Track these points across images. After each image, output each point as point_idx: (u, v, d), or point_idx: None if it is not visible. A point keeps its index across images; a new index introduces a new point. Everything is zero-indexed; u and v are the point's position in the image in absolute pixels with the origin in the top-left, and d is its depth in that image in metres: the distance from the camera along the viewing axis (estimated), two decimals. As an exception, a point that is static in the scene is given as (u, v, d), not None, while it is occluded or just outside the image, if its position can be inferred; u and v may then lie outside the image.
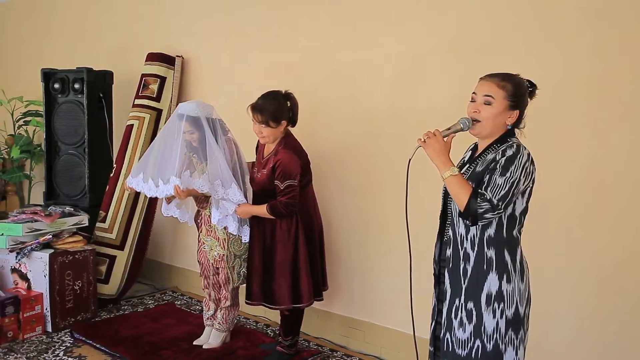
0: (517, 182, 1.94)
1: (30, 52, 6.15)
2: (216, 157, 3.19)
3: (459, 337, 2.07)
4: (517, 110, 2.04)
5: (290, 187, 3.04)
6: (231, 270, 3.38)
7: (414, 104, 3.27)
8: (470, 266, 2.04)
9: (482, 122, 2.03)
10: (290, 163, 3.05)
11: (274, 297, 3.17)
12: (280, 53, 3.94)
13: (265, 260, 3.19)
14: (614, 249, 2.65)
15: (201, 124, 3.19)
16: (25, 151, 5.50)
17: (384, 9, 3.37)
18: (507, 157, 1.96)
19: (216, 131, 3.24)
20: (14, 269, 3.87)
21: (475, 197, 1.93)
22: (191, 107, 3.24)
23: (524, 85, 2.07)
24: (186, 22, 4.59)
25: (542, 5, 2.80)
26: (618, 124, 2.62)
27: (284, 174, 3.03)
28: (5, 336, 3.59)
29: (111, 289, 4.28)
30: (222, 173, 3.18)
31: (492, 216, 1.94)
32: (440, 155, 2.01)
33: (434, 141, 2.02)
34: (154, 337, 3.66)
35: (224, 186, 3.17)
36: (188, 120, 3.19)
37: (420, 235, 2.42)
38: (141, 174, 3.28)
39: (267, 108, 3.06)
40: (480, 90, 2.04)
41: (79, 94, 4.54)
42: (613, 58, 2.61)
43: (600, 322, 2.70)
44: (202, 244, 3.47)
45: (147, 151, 3.42)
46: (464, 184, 1.98)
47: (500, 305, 2.00)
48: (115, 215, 4.34)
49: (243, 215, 3.21)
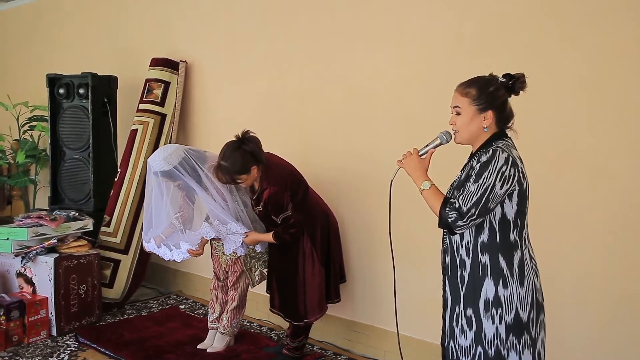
0: (491, 187, 1.92)
1: (35, 58, 6.19)
2: (205, 201, 3.26)
3: (461, 345, 2.07)
4: (488, 111, 2.03)
5: (286, 219, 3.13)
6: (249, 272, 3.44)
7: (416, 107, 3.27)
8: (467, 273, 2.04)
9: (459, 132, 2.09)
10: (277, 198, 3.10)
11: (297, 313, 3.28)
12: (283, 58, 3.95)
13: (284, 278, 3.31)
14: (620, 251, 2.65)
15: (177, 175, 3.19)
16: (30, 156, 5.52)
17: (386, 13, 3.38)
18: (481, 164, 1.97)
19: (195, 170, 3.22)
20: (19, 273, 3.89)
21: (444, 206, 1.99)
22: (158, 161, 3.17)
23: (492, 84, 2.04)
24: (190, 27, 4.61)
25: (543, 8, 2.81)
26: (620, 125, 2.62)
27: (276, 209, 3.12)
28: (11, 340, 3.60)
29: (116, 293, 4.29)
30: (216, 213, 3.26)
31: (464, 224, 1.95)
32: (415, 172, 2.11)
33: (409, 160, 2.14)
34: (158, 340, 3.67)
35: (223, 223, 3.25)
36: (163, 175, 3.20)
37: (429, 243, 2.42)
38: (152, 241, 3.35)
39: (228, 169, 3.05)
40: (452, 103, 2.10)
41: (83, 99, 4.56)
42: (614, 59, 2.62)
43: (607, 324, 2.70)
44: (214, 248, 3.50)
45: (144, 210, 3.51)
46: (436, 196, 2.04)
47: (498, 310, 1.99)
48: (119, 220, 4.36)
49: (252, 243, 3.33)
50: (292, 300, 3.27)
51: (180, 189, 3.34)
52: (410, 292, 3.21)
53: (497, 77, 2.07)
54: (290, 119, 3.90)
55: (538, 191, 2.17)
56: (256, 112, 3.16)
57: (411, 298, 3.21)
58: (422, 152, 2.16)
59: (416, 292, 3.20)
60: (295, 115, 3.89)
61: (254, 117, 4.00)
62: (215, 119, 4.44)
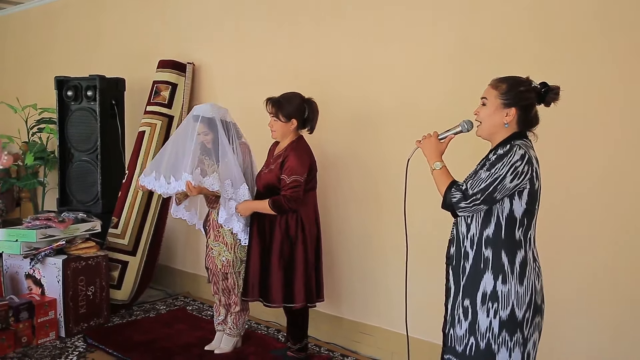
0: (501, 178, 1.95)
1: (43, 60, 6.23)
2: (229, 158, 3.24)
3: (457, 333, 2.11)
4: (512, 108, 2.05)
5: (296, 182, 3.06)
6: (237, 276, 3.39)
7: (423, 110, 3.27)
8: (468, 264, 2.08)
9: (481, 124, 2.13)
10: (300, 160, 3.09)
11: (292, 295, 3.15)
12: (290, 60, 3.96)
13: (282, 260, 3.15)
14: (630, 254, 2.64)
15: (215, 125, 3.25)
16: (39, 158, 5.57)
17: (394, 15, 3.38)
18: (497, 155, 2.02)
19: (229, 133, 3.29)
20: (28, 274, 3.92)
21: (450, 187, 2.05)
22: (206, 108, 3.29)
23: (525, 85, 2.07)
24: (197, 29, 4.62)
25: (554, 10, 2.80)
26: (632, 129, 2.61)
27: (292, 168, 3.07)
28: (20, 341, 3.62)
29: (123, 295, 4.30)
30: (233, 173, 3.22)
31: (466, 206, 2.00)
32: (430, 152, 2.19)
33: (428, 141, 2.21)
34: (166, 342, 3.68)
35: (233, 186, 3.21)
36: (203, 121, 3.24)
37: (435, 239, 2.42)
38: (153, 173, 3.33)
39: (280, 102, 3.14)
40: (482, 94, 2.13)
41: (91, 101, 4.59)
42: (621, 62, 2.61)
43: (616, 327, 2.69)
44: (210, 249, 3.48)
45: (161, 151, 3.45)
46: (446, 177, 2.10)
47: (494, 305, 2.01)
48: (127, 221, 4.38)
49: (244, 211, 3.21)
50: (289, 281, 3.14)
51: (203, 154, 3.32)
52: (419, 293, 3.20)
53: (533, 81, 2.09)
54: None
55: (546, 191, 2.17)
56: (263, 114, 3.17)
57: (419, 299, 3.20)
58: (441, 136, 2.22)
59: (424, 294, 3.19)
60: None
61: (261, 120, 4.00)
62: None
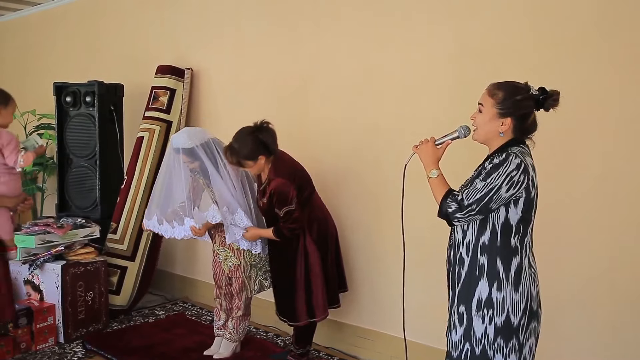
0: (497, 188, 1.94)
1: (42, 66, 6.24)
2: (219, 185, 3.25)
3: (453, 339, 2.11)
4: (507, 117, 2.02)
5: (289, 213, 3.10)
6: (248, 280, 3.42)
7: (422, 113, 3.28)
8: (464, 271, 2.08)
9: (477, 129, 2.11)
10: (283, 190, 3.09)
11: (293, 314, 3.24)
12: (288, 65, 3.97)
13: (280, 278, 3.29)
14: (627, 254, 2.65)
15: (197, 154, 3.23)
16: (37, 164, 5.56)
17: (392, 19, 3.40)
18: (493, 164, 1.99)
19: (214, 155, 3.26)
20: (27, 280, 3.92)
21: (446, 197, 2.04)
22: (183, 139, 3.23)
23: (522, 92, 2.02)
24: (195, 34, 4.64)
25: (554, 12, 2.81)
26: (629, 132, 2.62)
27: (280, 201, 3.10)
28: (19, 347, 3.62)
29: (122, 300, 4.30)
30: (227, 200, 3.25)
31: (462, 216, 1.99)
32: (427, 159, 2.17)
33: (425, 147, 2.19)
34: (165, 347, 3.68)
35: (230, 212, 3.24)
36: (184, 152, 3.22)
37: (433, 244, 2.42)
38: (155, 216, 3.35)
39: (234, 148, 3.11)
40: (480, 99, 2.11)
41: (90, 107, 4.59)
42: (619, 64, 2.62)
43: (612, 328, 2.69)
44: (216, 254, 3.50)
45: (154, 188, 3.49)
46: (442, 185, 2.09)
47: (489, 312, 2.01)
48: (126, 227, 4.38)
49: (251, 238, 3.31)
50: (289, 300, 3.24)
51: (195, 173, 3.34)
52: (417, 297, 3.20)
53: (531, 87, 2.04)
54: (295, 126, 3.90)
55: (543, 194, 2.18)
56: (261, 119, 3.18)
57: (418, 303, 3.21)
58: (438, 142, 2.20)
59: (422, 298, 3.19)
60: (300, 122, 3.90)
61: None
62: (220, 126, 4.43)
